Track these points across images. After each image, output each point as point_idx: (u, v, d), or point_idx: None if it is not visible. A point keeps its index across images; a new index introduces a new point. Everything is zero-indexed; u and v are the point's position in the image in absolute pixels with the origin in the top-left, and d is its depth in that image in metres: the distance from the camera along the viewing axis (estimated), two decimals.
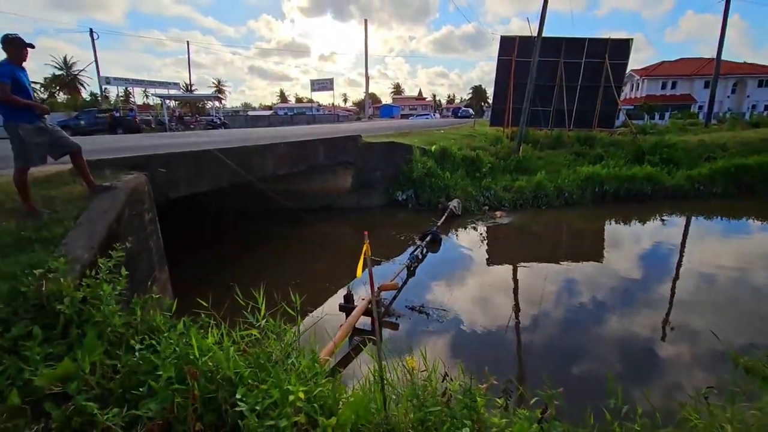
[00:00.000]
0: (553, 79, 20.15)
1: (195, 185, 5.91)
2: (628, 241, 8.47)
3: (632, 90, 49.51)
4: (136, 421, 2.12)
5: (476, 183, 11.38)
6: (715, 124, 23.75)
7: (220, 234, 9.17)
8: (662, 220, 9.90)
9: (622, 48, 19.79)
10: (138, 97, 42.72)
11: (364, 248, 1.99)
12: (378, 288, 5.25)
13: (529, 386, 3.30)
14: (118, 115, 21.72)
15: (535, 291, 5.97)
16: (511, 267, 7.17)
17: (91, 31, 24.47)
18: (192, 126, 24.35)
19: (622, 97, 20.16)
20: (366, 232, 2.00)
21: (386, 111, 49.85)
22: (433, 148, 12.04)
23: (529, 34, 19.94)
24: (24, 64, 3.65)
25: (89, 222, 3.64)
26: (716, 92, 46.96)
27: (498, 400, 2.31)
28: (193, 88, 42.71)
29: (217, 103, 29.56)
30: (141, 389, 2.21)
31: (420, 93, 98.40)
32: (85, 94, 54.58)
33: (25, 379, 2.20)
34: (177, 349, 2.39)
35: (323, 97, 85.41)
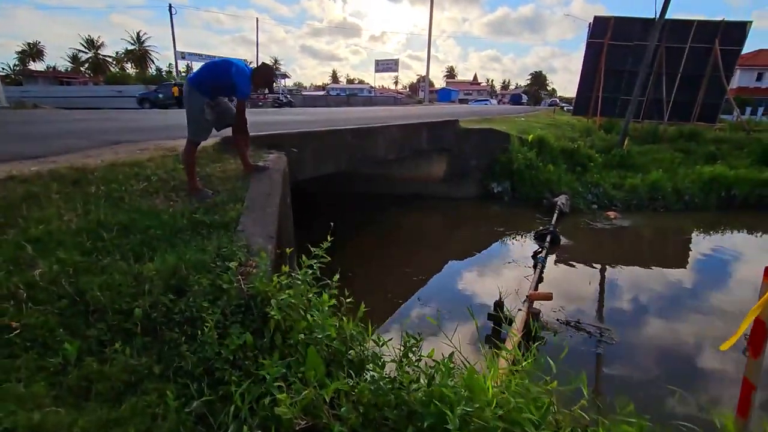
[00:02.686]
0: (651, 66, 18.24)
1: (318, 168, 5.52)
2: None
3: None
4: None
5: (577, 178, 10.38)
6: None
7: (310, 217, 8.89)
8: None
9: (737, 32, 17.53)
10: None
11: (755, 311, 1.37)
12: (527, 297, 4.65)
13: None
14: None
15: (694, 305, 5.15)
16: (655, 277, 6.30)
17: (170, 6, 25.05)
18: (260, 103, 24.54)
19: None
20: None
21: (444, 95, 48.17)
22: (530, 137, 11.11)
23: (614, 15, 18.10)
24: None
25: (258, 206, 3.27)
26: None
27: None
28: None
29: (283, 82, 29.69)
30: None
31: (475, 77, 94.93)
32: (152, 69, 56.88)
33: (266, 407, 1.81)
34: (435, 379, 1.91)
35: (382, 79, 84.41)
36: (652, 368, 3.99)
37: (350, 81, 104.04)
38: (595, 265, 6.55)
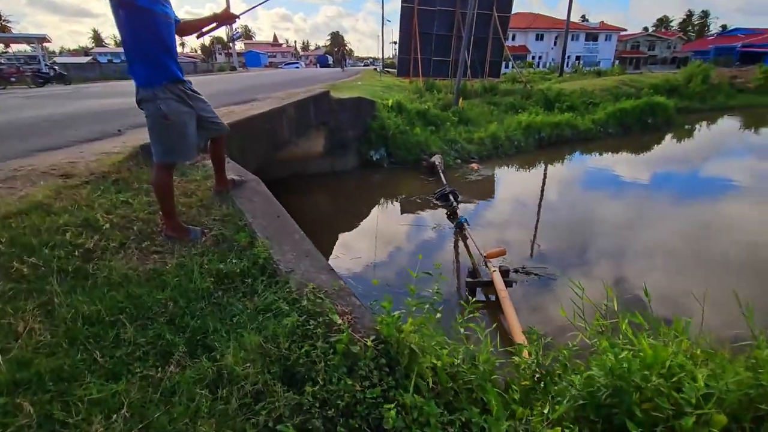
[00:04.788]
0: (451, 30, 20.89)
1: (242, 163, 4.56)
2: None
3: None
4: None
5: (434, 137, 11.44)
6: (567, 73, 28.13)
7: None
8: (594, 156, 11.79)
9: (506, 1, 21.45)
10: None
11: None
12: (484, 256, 5.10)
13: None
14: None
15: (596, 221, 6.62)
16: (541, 212, 7.72)
17: None
18: (12, 78, 17.88)
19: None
20: None
21: (253, 59, 44.21)
22: (390, 102, 11.54)
23: None
24: None
25: (279, 235, 2.55)
26: (543, 45, 54.80)
27: None
28: None
29: (44, 47, 21.80)
30: None
31: (275, 38, 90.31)
32: None
33: None
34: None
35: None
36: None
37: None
38: (496, 212, 7.58)
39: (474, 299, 4.75)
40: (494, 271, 4.64)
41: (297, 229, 2.63)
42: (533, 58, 52.51)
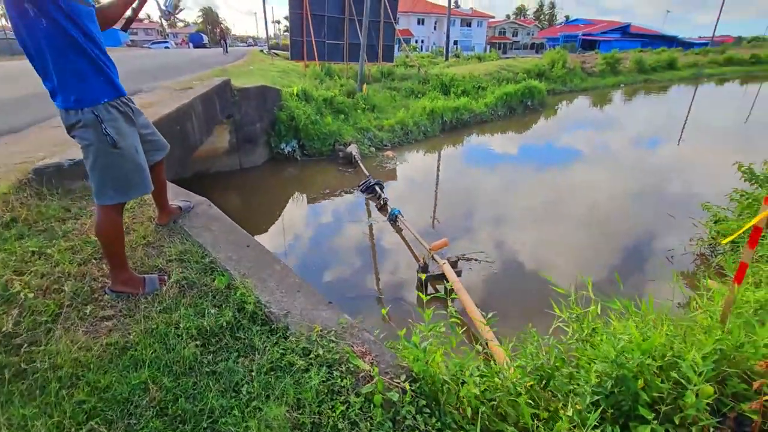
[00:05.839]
0: (343, 12, 20.44)
1: None
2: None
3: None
4: None
5: (346, 126, 11.20)
6: (451, 58, 29.81)
7: None
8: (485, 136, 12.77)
9: None
10: None
11: None
12: (429, 249, 5.16)
13: None
14: None
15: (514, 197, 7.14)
16: (462, 195, 8.07)
17: None
18: None
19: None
20: None
21: (111, 37, 37.37)
22: (295, 90, 10.87)
23: None
24: None
25: (257, 268, 2.17)
26: (424, 29, 57.16)
27: None
28: None
29: None
30: None
31: None
32: None
33: None
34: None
35: None
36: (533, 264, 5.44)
37: None
38: (418, 197, 7.73)
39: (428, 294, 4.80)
40: (444, 263, 4.72)
41: (275, 258, 2.27)
42: (416, 41, 54.60)
